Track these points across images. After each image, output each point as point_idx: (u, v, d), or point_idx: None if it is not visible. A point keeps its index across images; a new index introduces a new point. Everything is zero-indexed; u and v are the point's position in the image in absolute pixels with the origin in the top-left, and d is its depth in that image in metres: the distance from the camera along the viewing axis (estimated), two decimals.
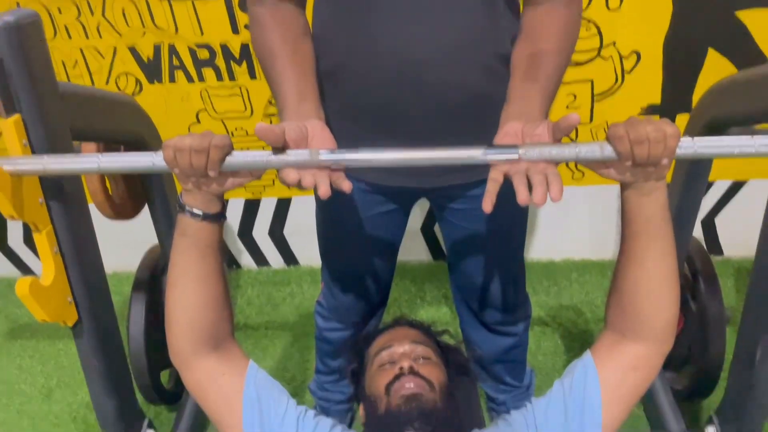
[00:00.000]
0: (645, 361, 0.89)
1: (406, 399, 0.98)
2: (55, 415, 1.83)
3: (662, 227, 0.83)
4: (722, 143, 0.83)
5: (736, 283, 2.17)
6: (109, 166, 0.89)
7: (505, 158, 0.83)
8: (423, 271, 2.32)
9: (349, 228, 1.26)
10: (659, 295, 0.86)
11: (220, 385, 0.92)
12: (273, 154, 0.85)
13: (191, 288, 0.89)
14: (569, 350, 1.94)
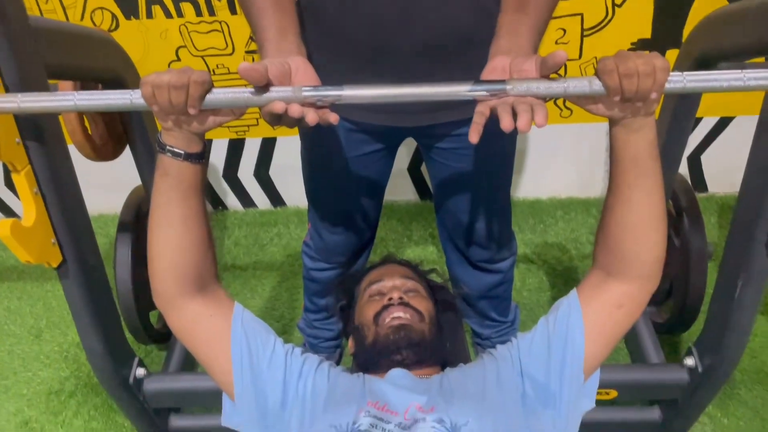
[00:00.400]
0: (629, 299, 0.89)
1: (395, 328, 1.00)
2: (45, 354, 1.85)
3: (650, 164, 0.82)
4: (712, 77, 0.81)
5: (719, 219, 2.20)
6: (86, 104, 0.86)
7: (492, 94, 0.82)
8: (410, 210, 2.32)
9: (334, 168, 1.25)
10: (645, 233, 0.85)
11: (206, 327, 0.92)
12: (255, 91, 0.82)
13: (174, 230, 0.87)
14: (553, 287, 1.97)
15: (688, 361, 1.26)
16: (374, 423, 0.86)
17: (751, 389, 1.62)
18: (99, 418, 1.63)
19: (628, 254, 0.87)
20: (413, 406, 0.88)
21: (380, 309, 1.03)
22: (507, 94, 0.81)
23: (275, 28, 0.93)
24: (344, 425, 0.86)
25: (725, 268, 1.15)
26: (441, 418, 0.85)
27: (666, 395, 1.35)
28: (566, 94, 0.81)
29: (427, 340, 1.00)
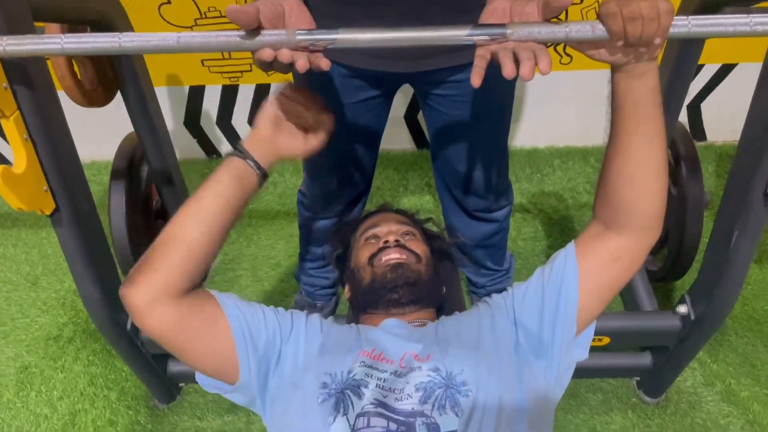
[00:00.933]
0: (626, 253, 0.87)
1: (391, 267, 1.00)
2: (42, 301, 1.86)
3: (652, 111, 0.79)
4: (717, 22, 0.78)
5: (716, 168, 2.19)
6: (74, 47, 0.83)
7: (492, 38, 0.79)
8: (406, 159, 2.31)
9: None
10: (645, 182, 0.82)
11: (198, 317, 0.86)
12: (246, 35, 0.79)
13: (203, 230, 0.84)
14: (549, 236, 1.98)
15: (681, 309, 1.27)
16: (369, 372, 0.86)
17: (742, 336, 1.65)
18: (98, 363, 1.65)
19: (626, 205, 0.84)
20: (409, 354, 0.88)
21: (376, 251, 1.03)
22: (507, 39, 0.78)
23: None
24: (339, 373, 0.86)
25: (722, 218, 1.14)
26: (437, 366, 0.85)
27: (658, 342, 1.37)
28: (568, 39, 0.78)
29: (423, 280, 1.01)
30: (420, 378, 0.84)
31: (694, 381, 1.55)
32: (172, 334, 0.84)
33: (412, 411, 0.81)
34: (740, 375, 1.55)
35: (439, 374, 0.84)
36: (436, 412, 0.81)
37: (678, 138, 1.54)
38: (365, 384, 0.84)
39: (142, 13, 1.86)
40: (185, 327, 0.84)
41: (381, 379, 0.85)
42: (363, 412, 0.81)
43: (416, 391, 0.83)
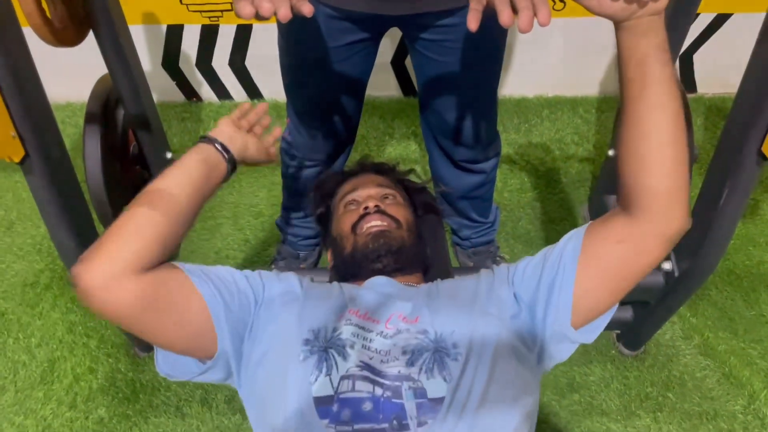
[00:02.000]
0: (632, 236, 0.78)
1: (373, 236, 0.97)
2: (18, 247, 1.82)
3: (658, 72, 0.71)
4: None
5: (705, 120, 2.17)
6: None
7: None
8: (392, 107, 2.25)
9: (314, 58, 1.18)
10: (655, 157, 0.73)
11: (169, 285, 0.79)
12: None
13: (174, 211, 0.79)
14: (535, 188, 1.96)
15: (665, 265, 1.27)
16: (356, 332, 0.82)
17: (722, 290, 1.66)
18: (77, 310, 1.64)
19: (636, 182, 0.75)
20: (396, 315, 0.85)
21: (357, 219, 1.00)
22: None
23: None
24: (322, 330, 0.82)
25: (712, 175, 1.13)
26: (425, 329, 0.82)
27: (640, 297, 1.37)
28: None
29: (406, 247, 0.98)
30: (408, 340, 0.81)
31: (673, 334, 1.57)
32: (137, 312, 0.75)
33: (398, 374, 0.78)
34: (718, 329, 1.58)
35: (427, 337, 0.81)
36: (424, 376, 0.78)
37: None
38: (351, 344, 0.81)
39: None
40: (152, 302, 0.76)
41: (367, 339, 0.82)
42: (348, 374, 0.78)
43: (403, 354, 0.80)
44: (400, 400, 0.76)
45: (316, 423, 0.75)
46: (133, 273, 0.74)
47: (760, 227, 1.81)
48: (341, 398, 0.76)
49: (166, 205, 0.79)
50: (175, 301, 0.78)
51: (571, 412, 1.43)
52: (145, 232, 0.76)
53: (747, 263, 1.72)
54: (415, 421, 0.74)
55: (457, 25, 1.10)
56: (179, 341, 0.81)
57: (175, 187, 0.82)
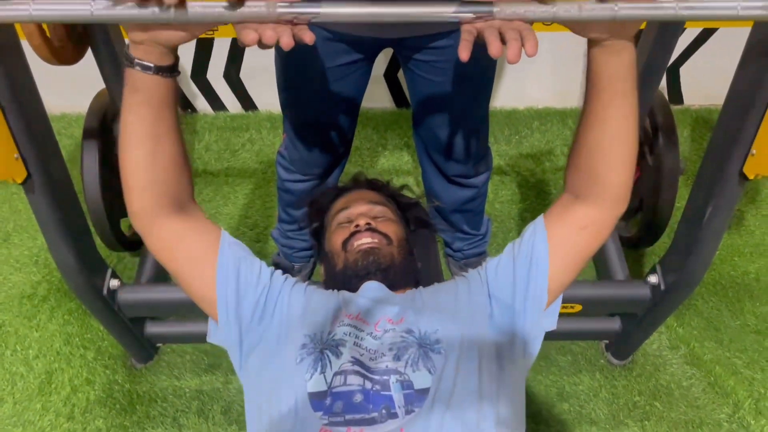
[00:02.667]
0: (593, 222, 0.88)
1: (363, 253, 1.00)
2: (15, 259, 1.83)
3: (627, 86, 0.80)
4: (705, 6, 0.78)
5: (692, 132, 2.21)
6: (42, 14, 0.79)
7: (479, 16, 0.78)
8: (385, 118, 2.28)
9: (311, 78, 1.21)
10: (617, 155, 0.83)
11: (189, 246, 0.90)
12: (227, 6, 0.77)
13: (146, 147, 0.82)
14: (525, 199, 1.99)
15: (651, 279, 1.30)
16: (348, 331, 0.88)
17: (707, 300, 1.70)
18: (74, 322, 1.65)
19: (596, 175, 0.86)
20: (384, 318, 0.91)
21: (348, 236, 1.03)
22: (494, 18, 0.77)
23: None
24: (319, 335, 0.89)
25: (696, 192, 1.16)
26: (410, 329, 0.89)
27: (628, 310, 1.41)
28: (555, 19, 0.78)
29: (396, 264, 1.01)
30: (393, 339, 0.88)
31: (660, 344, 1.61)
32: (162, 256, 0.91)
33: (386, 369, 0.84)
34: (704, 339, 1.61)
35: (412, 335, 0.88)
36: (410, 369, 0.84)
37: (657, 107, 1.54)
38: (343, 343, 0.87)
39: None
40: (174, 252, 0.90)
41: (359, 338, 0.88)
42: (340, 370, 0.84)
43: (389, 350, 0.86)
44: (389, 392, 0.82)
45: (310, 416, 0.82)
46: (160, 216, 0.86)
47: (744, 238, 1.85)
48: (334, 392, 0.83)
49: (138, 144, 0.82)
50: (190, 264, 0.91)
51: (560, 422, 1.46)
52: (142, 174, 0.83)
53: (732, 273, 1.76)
54: (403, 409, 0.81)
55: (449, 47, 1.13)
56: (192, 294, 0.93)
57: (132, 125, 0.81)
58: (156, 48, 0.77)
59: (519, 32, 0.74)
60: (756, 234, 1.86)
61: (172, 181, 0.86)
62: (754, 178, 1.01)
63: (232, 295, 0.91)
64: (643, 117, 1.55)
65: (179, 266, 0.91)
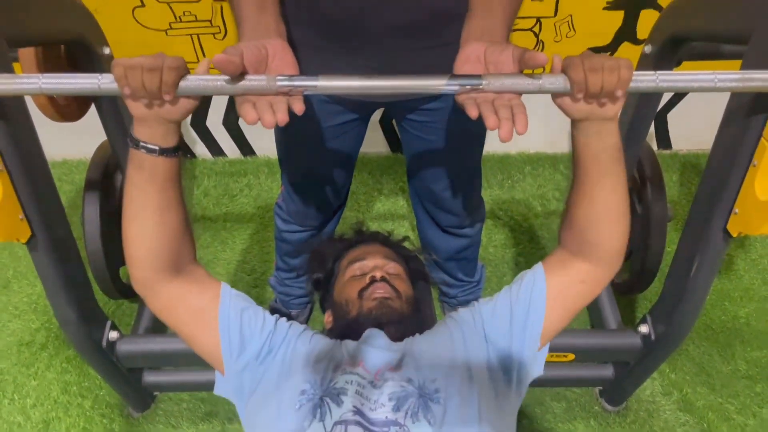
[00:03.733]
0: (592, 277, 0.94)
1: (379, 302, 1.03)
2: (14, 305, 1.85)
3: (611, 165, 0.84)
4: (685, 78, 0.83)
5: (681, 177, 2.26)
6: (51, 87, 0.83)
7: (469, 89, 0.82)
8: (381, 163, 2.33)
9: (308, 137, 1.25)
10: (608, 225, 0.88)
11: (189, 302, 0.93)
12: (230, 80, 0.81)
13: (151, 221, 0.86)
14: (519, 243, 2.02)
15: (642, 329, 1.33)
16: (351, 380, 0.90)
17: (699, 346, 1.72)
18: (72, 370, 1.66)
19: (591, 243, 0.91)
20: (384, 368, 0.93)
21: (365, 285, 1.06)
22: (483, 90, 0.81)
23: (254, 5, 0.91)
24: (319, 381, 0.90)
25: (683, 247, 1.19)
26: (409, 377, 0.90)
27: (620, 359, 1.43)
28: (542, 91, 0.82)
29: (406, 318, 1.04)
30: (393, 388, 0.89)
31: (653, 390, 1.62)
32: (164, 317, 0.94)
33: (385, 420, 0.85)
34: (697, 384, 1.63)
35: (411, 384, 0.89)
36: (409, 420, 0.84)
37: (644, 158, 1.59)
38: (344, 391, 0.88)
39: (115, 15, 1.84)
40: (175, 313, 0.93)
41: (361, 386, 0.89)
42: (341, 420, 0.84)
43: (389, 401, 0.87)
44: None
45: None
46: (160, 281, 0.90)
47: (734, 282, 1.88)
48: None
49: (142, 218, 0.86)
50: (192, 323, 0.94)
51: None
52: (145, 244, 0.87)
53: (723, 318, 1.79)
54: None
55: (441, 109, 1.17)
56: (197, 350, 0.96)
57: (138, 197, 0.86)
58: (159, 126, 0.82)
59: (511, 109, 0.78)
60: (745, 279, 1.89)
61: (174, 250, 0.89)
62: (737, 236, 1.05)
63: (236, 345, 0.93)
64: (631, 167, 1.59)
65: (182, 325, 0.94)
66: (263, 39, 0.87)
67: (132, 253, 0.89)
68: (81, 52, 1.27)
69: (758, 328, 1.76)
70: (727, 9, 1.04)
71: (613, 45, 1.99)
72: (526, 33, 1.97)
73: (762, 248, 1.98)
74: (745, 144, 0.97)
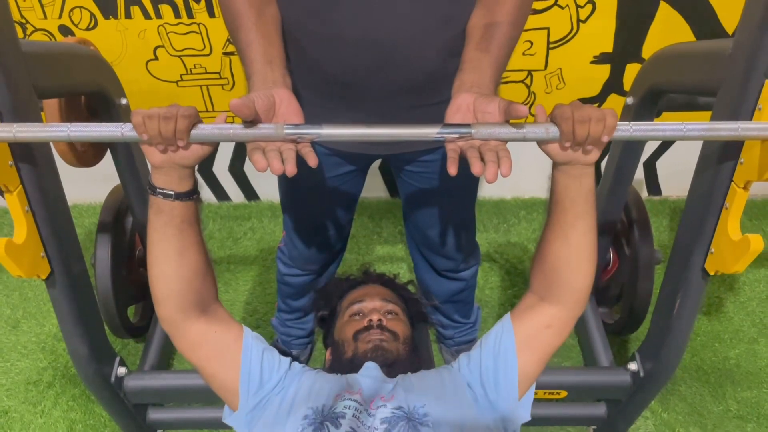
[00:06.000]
0: (557, 321, 0.99)
1: (373, 347, 1.08)
2: (23, 345, 1.89)
3: (587, 208, 0.91)
4: (655, 128, 0.90)
5: (670, 222, 2.33)
6: (78, 135, 0.90)
7: (458, 136, 0.89)
8: (380, 207, 2.40)
9: (310, 186, 1.32)
10: (578, 265, 0.95)
11: (213, 342, 0.99)
12: (240, 127, 0.88)
13: (174, 262, 0.92)
14: (514, 285, 2.08)
15: (631, 366, 1.37)
16: (349, 405, 0.96)
17: (690, 386, 1.76)
18: (78, 408, 1.70)
19: (560, 281, 0.97)
20: (378, 397, 0.99)
21: (361, 329, 1.12)
22: (472, 137, 0.88)
23: (262, 57, 0.98)
24: (320, 407, 0.96)
25: (666, 287, 1.25)
26: (399, 405, 0.96)
27: (611, 395, 1.47)
28: (525, 139, 0.89)
29: (401, 359, 1.09)
30: (384, 414, 0.95)
31: (646, 429, 1.65)
32: (188, 354, 1.00)
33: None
34: (689, 424, 1.66)
35: (401, 410, 0.95)
36: None
37: (631, 202, 1.66)
38: (343, 415, 0.94)
39: (130, 68, 1.94)
40: (199, 351, 0.99)
41: (359, 411, 0.95)
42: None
43: (381, 424, 0.93)
44: None
45: None
46: (186, 320, 0.96)
47: (724, 324, 1.93)
48: None
49: (163, 260, 0.92)
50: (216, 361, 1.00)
51: None
52: (169, 285, 0.93)
53: (713, 359, 1.83)
54: None
55: (436, 161, 1.25)
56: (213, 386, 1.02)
57: (159, 241, 0.92)
58: (175, 171, 0.88)
59: (496, 153, 0.85)
60: (735, 320, 1.94)
61: (196, 289, 0.96)
62: (714, 274, 1.11)
63: (255, 382, 1.00)
64: (618, 211, 1.67)
65: (205, 361, 1.00)
66: (271, 89, 0.94)
67: (157, 294, 0.95)
68: (100, 103, 1.36)
69: (748, 369, 1.80)
70: (698, 64, 1.13)
71: (602, 96, 2.10)
72: (518, 85, 2.07)
73: (750, 291, 2.04)
74: (717, 188, 1.04)
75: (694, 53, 1.17)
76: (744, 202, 1.01)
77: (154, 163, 0.88)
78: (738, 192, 1.00)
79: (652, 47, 1.95)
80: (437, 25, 1.02)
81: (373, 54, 1.01)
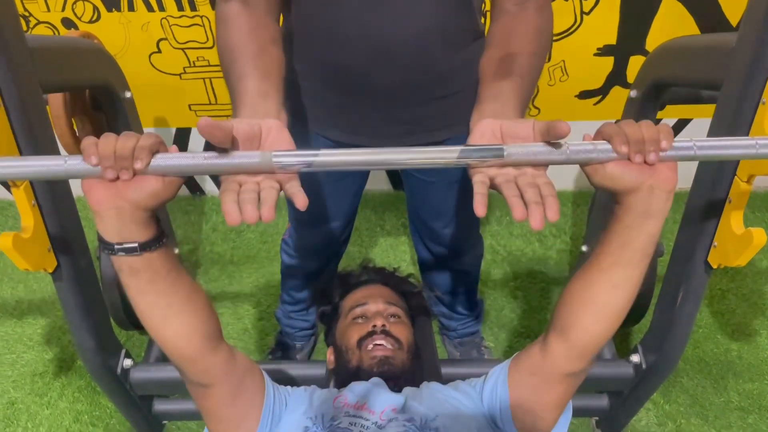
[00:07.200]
0: (541, 370, 0.91)
1: (378, 361, 1.05)
2: (29, 337, 1.91)
3: (639, 258, 0.80)
4: (726, 144, 0.77)
5: (673, 214, 2.29)
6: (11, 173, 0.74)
7: (486, 160, 0.72)
8: (383, 200, 2.41)
9: (313, 180, 1.32)
10: (602, 317, 0.84)
11: (235, 405, 0.93)
12: (216, 156, 0.69)
13: (187, 314, 0.81)
14: (516, 278, 2.09)
15: (633, 358, 1.38)
16: (353, 421, 0.94)
17: (692, 378, 1.77)
18: (84, 400, 1.71)
19: (575, 322, 0.85)
20: (389, 408, 0.96)
21: (364, 335, 1.09)
22: (504, 161, 0.72)
23: (256, 90, 0.84)
24: (320, 417, 0.94)
25: (668, 279, 1.26)
26: (411, 417, 0.94)
27: (613, 387, 1.48)
28: (569, 161, 0.74)
29: (406, 370, 1.07)
30: (396, 428, 0.92)
31: (648, 421, 1.66)
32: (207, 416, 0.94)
33: None
34: (690, 415, 1.67)
35: (413, 423, 0.93)
36: None
37: None
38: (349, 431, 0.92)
39: (134, 61, 1.94)
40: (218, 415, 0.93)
41: (364, 427, 0.93)
42: None
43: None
44: None
45: None
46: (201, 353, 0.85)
47: (726, 317, 1.94)
48: None
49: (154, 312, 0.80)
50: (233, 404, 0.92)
51: None
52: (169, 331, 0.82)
53: (715, 351, 1.84)
54: None
55: (441, 170, 1.25)
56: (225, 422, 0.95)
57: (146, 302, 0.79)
58: (125, 214, 0.70)
59: (538, 189, 0.69)
60: (737, 313, 1.95)
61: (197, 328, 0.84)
62: (717, 267, 1.12)
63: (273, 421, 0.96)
64: None
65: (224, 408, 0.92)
66: (260, 119, 0.78)
67: (159, 339, 0.84)
68: (105, 96, 1.37)
69: (750, 361, 1.80)
70: (702, 58, 1.13)
71: (605, 89, 2.09)
72: None
73: (753, 283, 2.04)
74: (721, 182, 1.04)
75: (698, 46, 1.17)
76: (747, 196, 1.02)
77: (96, 202, 0.69)
78: (741, 186, 1.00)
79: (655, 40, 1.94)
80: (439, 24, 1.01)
81: (378, 55, 1.01)
